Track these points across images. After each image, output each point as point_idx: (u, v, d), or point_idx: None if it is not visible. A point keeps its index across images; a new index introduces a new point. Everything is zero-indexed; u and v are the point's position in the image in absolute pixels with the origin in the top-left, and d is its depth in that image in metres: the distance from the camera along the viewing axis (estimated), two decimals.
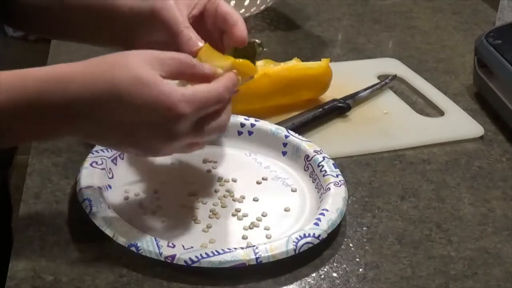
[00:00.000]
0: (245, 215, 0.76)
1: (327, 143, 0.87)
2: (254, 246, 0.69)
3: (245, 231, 0.73)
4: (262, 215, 0.76)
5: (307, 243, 0.69)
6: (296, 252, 0.69)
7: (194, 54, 0.71)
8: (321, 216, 0.72)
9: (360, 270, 0.70)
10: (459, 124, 0.96)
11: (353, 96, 0.98)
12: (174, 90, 0.63)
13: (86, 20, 0.81)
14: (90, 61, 0.64)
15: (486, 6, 1.36)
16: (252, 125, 0.87)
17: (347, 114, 0.96)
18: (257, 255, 0.67)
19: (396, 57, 1.13)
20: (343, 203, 0.75)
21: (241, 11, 1.15)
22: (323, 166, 0.80)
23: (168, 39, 0.74)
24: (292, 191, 0.80)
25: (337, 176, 0.79)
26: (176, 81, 0.66)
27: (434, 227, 0.77)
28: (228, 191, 0.79)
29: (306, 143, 0.84)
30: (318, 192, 0.78)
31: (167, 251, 0.67)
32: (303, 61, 0.97)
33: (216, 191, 0.79)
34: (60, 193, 0.77)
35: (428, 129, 0.95)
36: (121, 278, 0.67)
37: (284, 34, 1.21)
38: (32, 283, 0.66)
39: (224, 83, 0.67)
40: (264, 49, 0.83)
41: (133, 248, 0.67)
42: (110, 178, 0.77)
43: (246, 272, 0.68)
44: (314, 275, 0.69)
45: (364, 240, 0.74)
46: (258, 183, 0.81)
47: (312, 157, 0.82)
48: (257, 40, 0.76)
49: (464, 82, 1.07)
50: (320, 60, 0.97)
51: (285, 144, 0.85)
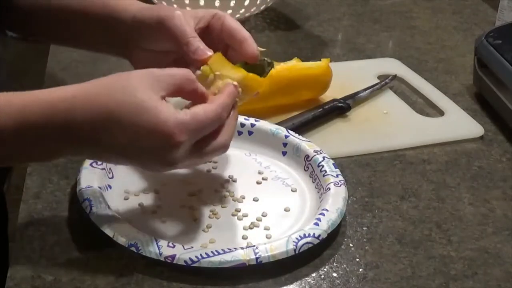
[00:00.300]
0: (245, 215, 0.76)
1: (327, 143, 0.87)
2: (254, 246, 0.69)
3: (245, 231, 0.73)
4: (262, 215, 0.76)
5: (307, 243, 0.69)
6: (296, 252, 0.69)
7: (203, 63, 0.71)
8: (321, 216, 0.72)
9: (360, 270, 0.70)
10: (459, 124, 0.96)
11: (353, 96, 0.98)
12: (172, 116, 0.63)
13: (85, 26, 0.81)
14: (91, 83, 0.65)
15: (486, 6, 1.36)
16: (252, 125, 0.87)
17: (347, 114, 0.96)
18: (257, 255, 0.67)
19: (396, 57, 1.13)
20: (343, 203, 0.75)
21: (241, 11, 1.15)
22: (323, 166, 0.80)
23: (172, 48, 0.75)
24: (292, 191, 0.80)
25: (337, 176, 0.79)
26: (175, 99, 0.67)
27: (434, 227, 0.77)
28: (228, 191, 0.79)
29: (306, 143, 0.84)
30: (318, 192, 0.78)
31: (167, 251, 0.67)
32: (303, 61, 0.97)
33: (216, 191, 0.79)
34: (60, 193, 0.77)
35: (428, 129, 0.95)
36: (121, 278, 0.67)
37: (284, 34, 1.21)
38: (32, 283, 0.66)
39: (223, 101, 0.67)
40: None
41: (133, 248, 0.67)
42: (110, 178, 0.78)
43: (246, 272, 0.68)
44: (314, 275, 0.69)
45: (364, 240, 0.74)
46: (258, 183, 0.81)
47: (312, 157, 0.82)
48: (267, 59, 0.75)
49: (464, 82, 1.07)
50: (320, 60, 0.97)
51: (285, 144, 0.85)
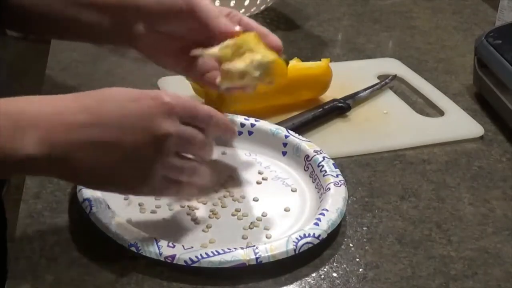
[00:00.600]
0: (245, 215, 0.76)
1: (327, 143, 0.87)
2: (254, 246, 0.69)
3: (245, 231, 0.73)
4: (262, 215, 0.76)
5: (307, 243, 0.69)
6: (296, 252, 0.69)
7: (231, 36, 0.73)
8: (321, 216, 0.72)
9: (360, 270, 0.70)
10: (459, 124, 0.96)
11: (353, 96, 0.98)
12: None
13: (91, 13, 0.81)
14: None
15: (486, 6, 1.36)
16: (252, 125, 0.87)
17: (347, 114, 0.96)
18: (257, 255, 0.67)
19: (396, 57, 1.13)
20: (343, 203, 0.75)
21: (241, 11, 1.15)
22: (323, 166, 0.80)
23: (189, 31, 0.77)
24: (292, 191, 0.80)
25: (337, 176, 0.79)
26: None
27: (434, 227, 0.77)
28: (228, 191, 0.79)
29: (306, 143, 0.84)
30: (318, 192, 0.78)
31: (167, 251, 0.67)
32: (303, 61, 0.98)
33: (216, 191, 0.79)
34: (60, 193, 0.77)
35: (428, 129, 0.95)
36: (121, 278, 0.67)
37: (284, 34, 1.21)
38: (32, 283, 0.66)
39: (211, 110, 0.69)
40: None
41: (133, 248, 0.67)
42: None
43: (246, 272, 0.68)
44: (314, 275, 0.69)
45: (364, 240, 0.74)
46: (258, 183, 0.81)
47: (312, 157, 0.82)
48: (285, 56, 0.78)
49: (464, 82, 1.07)
50: (320, 60, 0.97)
51: (285, 144, 0.85)
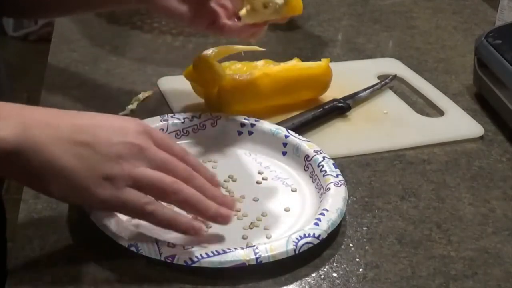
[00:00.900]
0: (245, 215, 0.75)
1: (327, 143, 0.87)
2: (254, 246, 0.69)
3: (245, 231, 0.73)
4: (262, 215, 0.76)
5: (307, 243, 0.69)
6: (296, 252, 0.69)
7: None
8: (321, 216, 0.72)
9: (360, 270, 0.70)
10: (459, 124, 0.96)
11: (353, 96, 0.98)
12: None
13: None
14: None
15: (486, 6, 1.36)
16: (252, 125, 0.87)
17: (347, 114, 0.96)
18: (257, 255, 0.67)
19: (396, 57, 1.13)
20: (343, 203, 0.75)
21: None
22: (323, 166, 0.80)
23: None
24: (292, 191, 0.80)
25: (337, 176, 0.79)
26: None
27: (434, 227, 0.77)
28: (228, 191, 0.79)
29: (306, 143, 0.84)
30: (318, 192, 0.78)
31: (167, 251, 0.67)
32: (303, 61, 0.97)
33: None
34: None
35: (428, 129, 0.95)
36: (121, 278, 0.67)
37: (284, 34, 1.21)
38: (32, 283, 0.66)
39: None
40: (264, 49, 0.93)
41: (133, 248, 0.67)
42: None
43: (246, 272, 0.68)
44: (314, 275, 0.69)
45: (364, 240, 0.74)
46: (258, 183, 0.81)
47: (312, 157, 0.82)
48: None
49: (464, 82, 1.07)
50: (320, 60, 0.97)
51: (285, 144, 0.85)
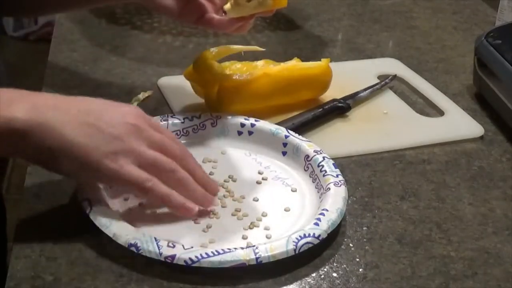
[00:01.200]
0: (245, 215, 0.75)
1: (327, 143, 0.87)
2: (254, 246, 0.68)
3: (245, 231, 0.73)
4: (262, 215, 0.76)
5: (307, 243, 0.69)
6: (296, 252, 0.69)
7: None
8: (321, 216, 0.72)
9: (360, 270, 0.70)
10: (459, 124, 0.96)
11: (353, 96, 0.98)
12: None
13: None
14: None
15: (486, 6, 1.36)
16: (252, 125, 0.87)
17: (347, 114, 0.96)
18: (257, 255, 0.67)
19: (396, 57, 1.13)
20: (343, 203, 0.75)
21: None
22: (323, 166, 0.80)
23: None
24: (292, 191, 0.80)
25: (337, 176, 0.79)
26: None
27: (434, 227, 0.77)
28: (228, 191, 0.79)
29: (306, 143, 0.84)
30: (318, 192, 0.78)
31: (167, 251, 0.67)
32: (303, 61, 0.97)
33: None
34: (60, 193, 0.77)
35: (428, 129, 0.95)
36: (121, 278, 0.67)
37: (284, 34, 1.21)
38: (32, 283, 0.66)
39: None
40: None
41: (133, 248, 0.67)
42: None
43: (246, 272, 0.68)
44: (314, 275, 0.69)
45: (364, 240, 0.74)
46: (258, 183, 0.81)
47: (312, 157, 0.82)
48: None
49: (464, 82, 1.07)
50: (320, 60, 0.97)
51: (285, 144, 0.85)
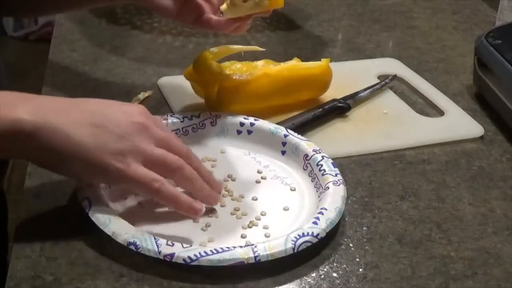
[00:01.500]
0: (244, 214, 0.76)
1: (327, 143, 0.87)
2: (252, 245, 0.69)
3: (243, 230, 0.73)
4: (261, 214, 0.76)
5: (306, 242, 0.69)
6: (295, 251, 0.69)
7: None
8: (319, 215, 0.72)
9: (360, 270, 0.70)
10: (459, 124, 0.96)
11: (353, 96, 0.98)
12: None
13: None
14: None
15: (486, 6, 1.36)
16: (252, 124, 0.87)
17: (347, 114, 0.96)
18: (255, 254, 0.67)
19: (396, 57, 1.13)
20: (342, 202, 0.75)
21: None
22: (322, 165, 0.80)
23: None
24: (291, 190, 0.80)
25: (336, 175, 0.79)
26: None
27: (434, 227, 0.77)
28: (227, 190, 0.79)
29: (305, 142, 0.84)
30: (317, 191, 0.78)
31: (166, 250, 0.67)
32: (303, 61, 0.97)
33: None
34: (60, 193, 0.77)
35: (428, 129, 0.95)
36: (121, 278, 0.67)
37: (284, 34, 1.21)
38: (32, 283, 0.66)
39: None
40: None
41: (132, 247, 0.67)
42: None
43: (246, 271, 0.68)
44: (314, 275, 0.69)
45: (364, 240, 0.74)
46: (257, 182, 0.81)
47: (311, 156, 0.82)
48: None
49: (464, 82, 1.07)
50: (320, 60, 0.97)
51: (284, 144, 0.85)
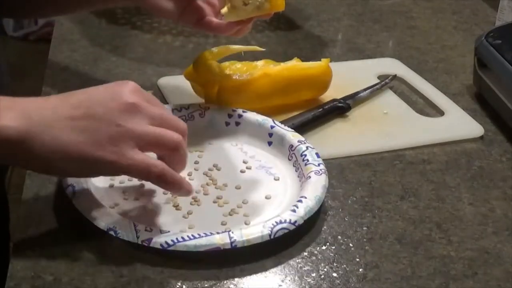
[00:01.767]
0: (226, 202, 0.76)
1: (327, 143, 0.87)
2: (229, 231, 0.69)
3: (224, 218, 0.74)
4: (243, 203, 0.76)
5: (283, 228, 0.70)
6: (271, 237, 0.69)
7: None
8: (298, 203, 0.73)
9: (360, 270, 0.70)
10: (459, 124, 0.96)
11: (353, 96, 0.98)
12: None
13: None
14: None
15: (486, 6, 1.36)
16: (239, 116, 0.87)
17: (347, 114, 0.96)
18: (232, 240, 0.68)
19: (396, 57, 1.13)
20: (323, 191, 0.75)
21: None
22: (306, 155, 0.81)
23: None
24: (275, 179, 0.81)
25: (318, 165, 0.79)
26: None
27: (434, 227, 0.77)
28: (211, 179, 0.79)
29: (291, 133, 0.84)
30: (300, 180, 0.79)
31: (144, 235, 0.68)
32: (303, 61, 0.97)
33: (199, 179, 0.79)
34: (60, 193, 0.77)
35: (428, 129, 0.95)
36: (121, 278, 0.67)
37: (284, 34, 1.21)
38: (32, 283, 0.66)
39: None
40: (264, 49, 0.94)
41: (111, 232, 0.68)
42: None
43: (246, 271, 0.68)
44: (314, 275, 0.69)
45: (364, 240, 0.74)
46: (242, 171, 0.82)
47: (296, 146, 0.82)
48: None
49: (464, 82, 1.07)
50: (320, 60, 0.97)
51: (270, 135, 0.85)
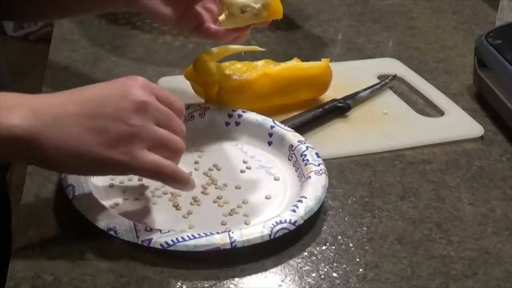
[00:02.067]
0: (226, 202, 0.76)
1: (327, 143, 0.87)
2: (229, 230, 0.69)
3: (224, 217, 0.74)
4: (243, 203, 0.76)
5: (283, 228, 0.70)
6: (271, 237, 0.69)
7: None
8: (298, 203, 0.73)
9: (360, 270, 0.70)
10: (459, 124, 0.96)
11: (353, 96, 0.98)
12: None
13: None
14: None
15: (486, 6, 1.36)
16: (239, 116, 0.87)
17: (347, 114, 0.96)
18: (232, 240, 0.68)
19: (396, 57, 1.13)
20: (323, 191, 0.75)
21: None
22: (306, 155, 0.81)
23: None
24: (275, 179, 0.81)
25: (318, 165, 0.79)
26: None
27: (434, 227, 0.77)
28: (211, 179, 0.80)
29: (291, 133, 0.84)
30: (300, 180, 0.79)
31: (144, 235, 0.68)
32: (303, 61, 0.97)
33: (199, 179, 0.79)
34: (60, 193, 0.77)
35: (428, 129, 0.95)
36: (121, 278, 0.67)
37: (284, 34, 1.21)
38: (32, 283, 0.66)
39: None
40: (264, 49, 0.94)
41: (111, 232, 0.68)
42: None
43: (245, 271, 0.68)
44: (314, 275, 0.69)
45: (364, 240, 0.74)
46: (242, 171, 0.82)
47: (296, 146, 0.82)
48: None
49: (464, 82, 1.07)
50: (320, 60, 0.97)
51: (270, 135, 0.85)
